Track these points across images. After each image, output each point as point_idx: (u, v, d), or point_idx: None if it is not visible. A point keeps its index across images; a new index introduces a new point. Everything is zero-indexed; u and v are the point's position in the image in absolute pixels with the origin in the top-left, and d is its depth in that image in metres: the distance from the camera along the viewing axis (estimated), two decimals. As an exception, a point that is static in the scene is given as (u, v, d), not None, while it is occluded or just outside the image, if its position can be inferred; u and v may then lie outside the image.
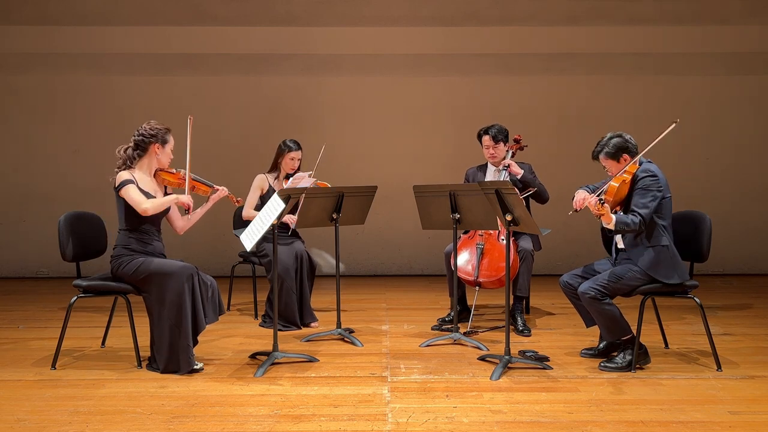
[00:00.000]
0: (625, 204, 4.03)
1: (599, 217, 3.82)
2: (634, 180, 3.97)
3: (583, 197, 4.06)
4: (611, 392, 3.63)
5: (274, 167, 5.29)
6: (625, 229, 3.89)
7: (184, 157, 4.19)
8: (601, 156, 4.08)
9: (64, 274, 7.09)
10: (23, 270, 7.49)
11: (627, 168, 3.97)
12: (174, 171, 4.25)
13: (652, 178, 3.94)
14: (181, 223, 4.31)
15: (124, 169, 4.07)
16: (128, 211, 4.01)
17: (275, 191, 5.15)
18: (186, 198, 4.10)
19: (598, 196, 3.87)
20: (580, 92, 7.44)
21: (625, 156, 4.03)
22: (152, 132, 4.10)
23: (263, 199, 5.21)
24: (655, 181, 3.94)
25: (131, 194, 3.97)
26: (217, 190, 4.32)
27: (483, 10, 7.36)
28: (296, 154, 5.21)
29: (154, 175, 4.19)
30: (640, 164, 4.02)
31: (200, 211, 4.32)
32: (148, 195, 4.05)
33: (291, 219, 4.95)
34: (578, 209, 4.07)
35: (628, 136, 4.08)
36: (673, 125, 4.02)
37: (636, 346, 3.98)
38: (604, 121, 7.36)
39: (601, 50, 7.40)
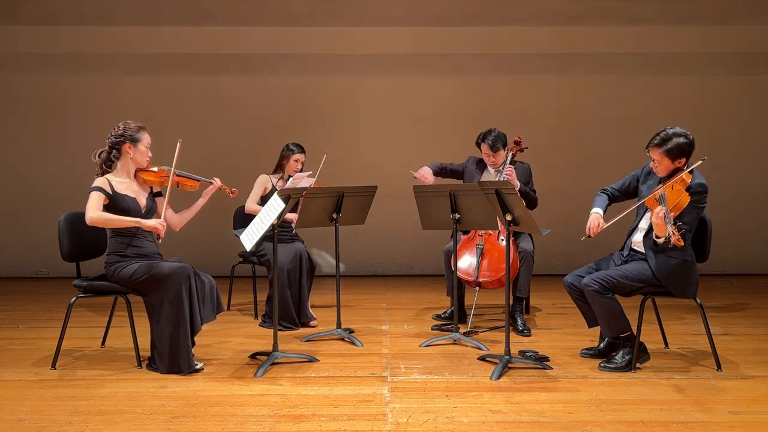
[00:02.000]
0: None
1: (672, 238, 3.58)
2: (687, 190, 3.83)
3: (597, 224, 4.03)
4: (611, 392, 3.63)
5: (278, 169, 5.32)
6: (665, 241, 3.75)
7: (171, 162, 4.10)
8: (660, 151, 3.88)
9: (64, 274, 7.09)
10: (23, 270, 7.48)
11: (684, 177, 3.82)
12: (155, 169, 4.12)
13: (704, 194, 3.87)
14: (174, 220, 4.24)
15: (101, 175, 4.02)
16: None
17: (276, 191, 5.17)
18: (152, 223, 3.95)
19: (665, 211, 3.62)
20: (580, 92, 7.44)
21: (682, 159, 3.89)
22: (121, 132, 4.02)
23: (264, 199, 5.22)
24: (704, 198, 3.88)
25: (89, 201, 3.90)
26: (210, 183, 4.24)
27: (483, 10, 7.36)
28: (300, 157, 5.28)
29: (135, 176, 4.11)
30: (692, 173, 3.90)
31: (195, 208, 4.27)
32: (127, 199, 3.99)
33: (293, 217, 4.97)
34: (592, 236, 4.03)
35: (691, 137, 3.90)
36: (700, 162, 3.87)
37: (636, 345, 3.98)
38: (604, 121, 7.38)
39: (601, 50, 7.40)
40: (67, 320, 4.13)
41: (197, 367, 3.97)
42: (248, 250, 3.97)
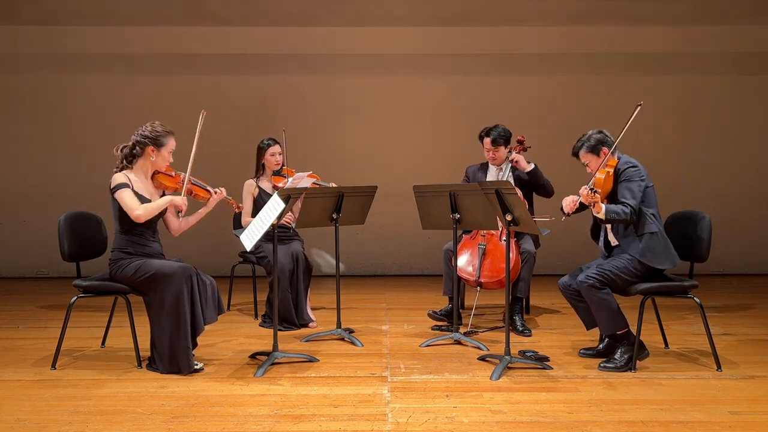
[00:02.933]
0: (610, 197, 4.10)
1: (592, 205, 3.92)
2: (617, 173, 4.06)
3: (572, 199, 4.17)
4: (611, 392, 3.63)
5: (260, 169, 5.30)
6: (615, 218, 3.96)
7: (188, 154, 4.15)
8: (582, 151, 4.20)
9: (64, 274, 7.09)
10: (23, 270, 7.49)
11: (608, 162, 4.07)
12: (173, 174, 4.15)
13: (633, 168, 4.04)
14: (176, 225, 4.25)
15: (122, 170, 4.03)
16: (122, 213, 3.96)
17: (266, 192, 5.18)
18: (180, 200, 4.05)
19: (588, 186, 3.95)
20: (580, 92, 7.44)
21: (604, 149, 4.13)
22: (148, 134, 4.03)
23: (256, 203, 5.21)
24: (636, 171, 4.04)
25: (125, 199, 3.91)
26: (216, 193, 4.25)
27: (483, 10, 7.36)
28: (275, 149, 5.24)
29: (152, 178, 4.13)
30: (619, 158, 4.12)
31: (197, 216, 4.27)
32: (143, 198, 3.99)
33: (290, 218, 4.98)
34: (569, 213, 4.18)
35: (606, 131, 4.20)
36: (638, 108, 4.11)
37: (636, 345, 3.98)
38: (604, 121, 7.30)
39: (601, 50, 7.40)
40: (67, 320, 4.13)
41: (197, 367, 3.97)
42: (248, 250, 3.97)
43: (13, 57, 7.35)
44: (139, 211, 3.91)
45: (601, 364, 4.03)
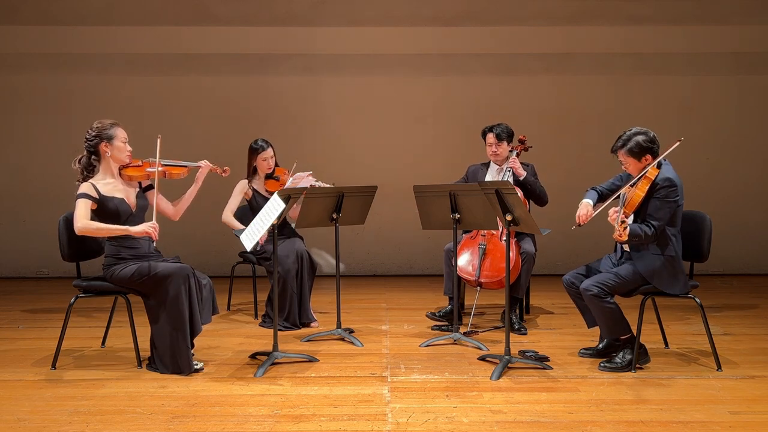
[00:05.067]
0: (640, 207, 3.94)
1: (616, 238, 3.70)
2: (653, 186, 3.87)
3: (586, 212, 4.05)
4: (611, 392, 3.63)
5: (252, 171, 5.24)
6: (637, 240, 3.86)
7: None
8: (623, 151, 3.95)
9: (64, 274, 7.09)
10: (24, 270, 7.48)
11: (648, 174, 3.85)
12: (139, 164, 4.10)
13: (671, 188, 3.85)
14: (171, 210, 4.26)
15: (84, 181, 3.96)
16: (104, 220, 3.92)
17: (261, 194, 5.17)
18: (140, 228, 3.88)
19: (618, 210, 3.76)
20: (580, 92, 7.44)
21: (648, 156, 3.91)
22: (94, 134, 3.98)
23: (251, 204, 5.20)
24: (673, 192, 3.85)
25: (77, 208, 3.85)
26: (199, 166, 4.24)
27: (483, 10, 7.36)
28: (267, 153, 5.16)
29: (120, 174, 4.06)
30: (659, 166, 3.92)
31: (189, 194, 4.28)
32: (115, 200, 3.94)
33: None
34: (581, 224, 4.05)
35: (652, 134, 3.93)
36: (678, 143, 3.91)
37: (636, 345, 3.98)
38: (604, 121, 7.38)
39: (601, 50, 7.40)
40: (67, 320, 4.13)
41: (197, 367, 3.97)
42: (248, 250, 3.97)
43: (13, 57, 7.35)
44: (79, 224, 3.84)
45: (601, 364, 4.03)
